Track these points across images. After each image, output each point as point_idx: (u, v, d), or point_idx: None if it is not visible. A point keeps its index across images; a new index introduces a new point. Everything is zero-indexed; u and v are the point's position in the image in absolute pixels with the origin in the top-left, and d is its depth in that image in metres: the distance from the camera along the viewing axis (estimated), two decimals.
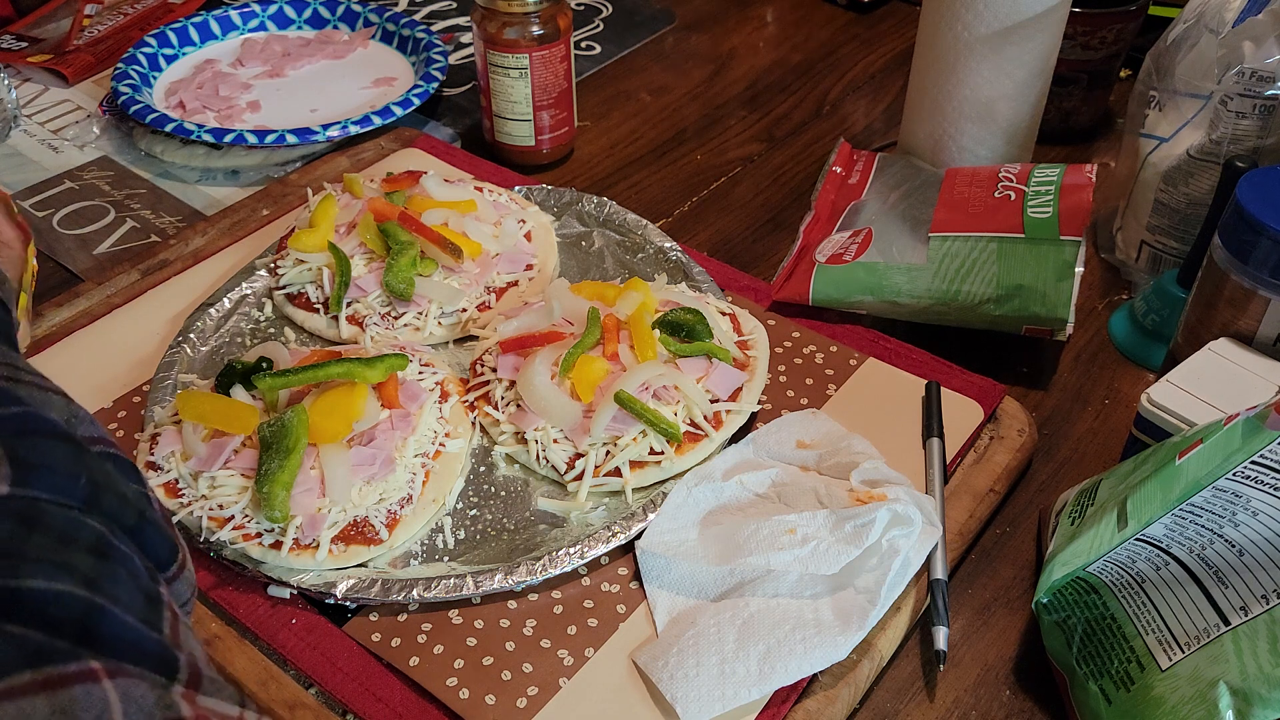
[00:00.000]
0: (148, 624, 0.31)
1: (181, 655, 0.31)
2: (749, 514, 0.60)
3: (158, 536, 0.36)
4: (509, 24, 0.86)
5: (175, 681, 0.30)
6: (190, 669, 0.31)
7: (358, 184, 0.80)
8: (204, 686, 0.31)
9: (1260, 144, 0.72)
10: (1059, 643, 0.55)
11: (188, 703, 0.30)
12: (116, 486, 0.34)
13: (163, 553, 0.36)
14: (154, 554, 0.35)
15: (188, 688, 0.31)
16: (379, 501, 0.60)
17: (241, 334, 0.74)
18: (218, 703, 0.31)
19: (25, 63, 1.07)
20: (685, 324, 0.67)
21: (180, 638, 0.33)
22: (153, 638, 0.31)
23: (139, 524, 0.35)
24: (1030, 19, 0.78)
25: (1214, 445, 0.48)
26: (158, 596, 0.33)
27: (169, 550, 0.37)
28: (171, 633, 0.32)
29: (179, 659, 0.31)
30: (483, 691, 0.53)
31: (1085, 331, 0.78)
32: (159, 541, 0.36)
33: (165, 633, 0.32)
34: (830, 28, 1.17)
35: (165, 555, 0.36)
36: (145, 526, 0.35)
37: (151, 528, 0.35)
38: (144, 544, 0.35)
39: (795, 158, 0.97)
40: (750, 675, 0.52)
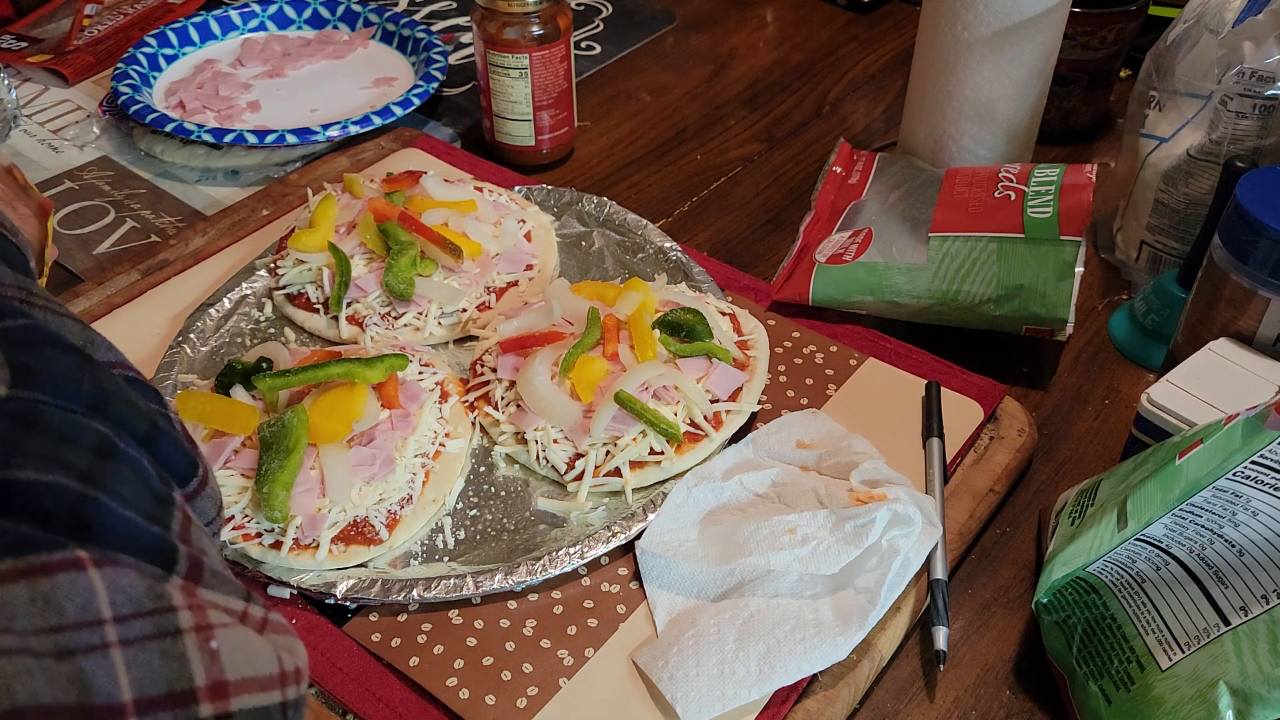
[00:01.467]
0: (151, 519, 0.30)
1: (183, 548, 0.30)
2: (749, 514, 0.60)
3: (174, 449, 0.34)
4: (509, 24, 0.86)
5: (172, 573, 0.29)
6: (191, 561, 0.30)
7: (358, 184, 0.80)
8: (204, 579, 0.30)
9: (1260, 144, 0.72)
10: (1059, 643, 0.55)
11: (184, 594, 0.28)
12: (127, 396, 0.32)
13: (180, 466, 0.34)
14: (170, 466, 0.34)
15: (187, 579, 0.29)
16: (379, 501, 0.60)
17: (241, 334, 0.74)
18: (219, 596, 0.30)
19: (25, 63, 1.07)
20: (685, 324, 0.67)
21: (190, 536, 0.31)
22: (151, 530, 0.29)
23: (151, 434, 0.33)
24: (1030, 19, 0.78)
25: (1214, 445, 0.48)
26: (169, 499, 0.31)
27: (187, 464, 0.35)
28: (181, 530, 0.31)
29: (178, 550, 0.30)
30: (483, 691, 0.53)
31: (1085, 331, 0.78)
32: (175, 454, 0.34)
33: (173, 528, 0.30)
34: (830, 28, 1.17)
35: (183, 468, 0.35)
36: (159, 438, 0.33)
37: (167, 440, 0.34)
38: (159, 455, 0.33)
39: (795, 158, 0.97)
40: (750, 675, 0.52)
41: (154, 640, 0.27)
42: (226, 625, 0.29)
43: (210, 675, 0.27)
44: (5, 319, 0.31)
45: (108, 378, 0.32)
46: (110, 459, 0.30)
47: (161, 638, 0.27)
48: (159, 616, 0.27)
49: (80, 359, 0.31)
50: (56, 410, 0.30)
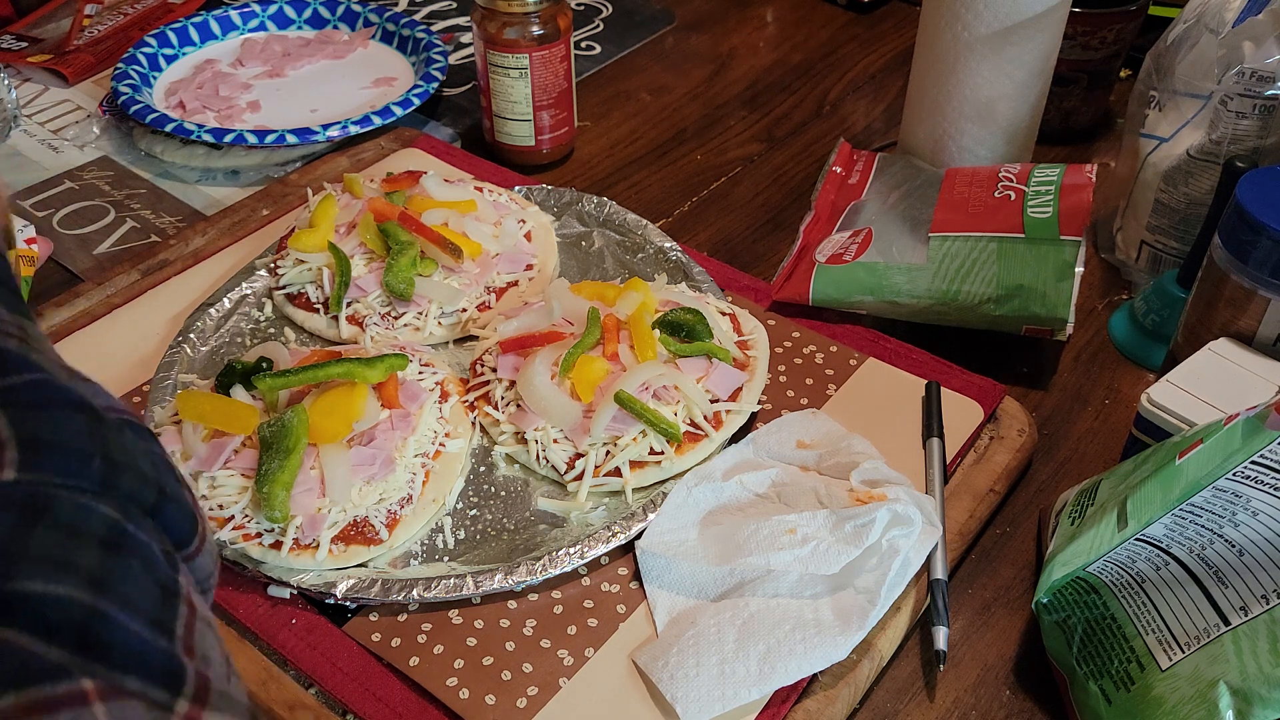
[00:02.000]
0: (157, 626, 0.29)
1: (190, 665, 0.29)
2: (749, 514, 0.60)
3: (178, 513, 0.33)
4: (509, 24, 0.86)
5: (180, 696, 0.28)
6: (198, 681, 0.29)
7: (358, 184, 0.80)
8: (211, 701, 0.29)
9: (1260, 144, 0.72)
10: (1059, 643, 0.55)
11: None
12: (135, 463, 0.31)
13: (184, 529, 0.33)
14: (175, 532, 0.33)
15: (194, 703, 0.29)
16: (379, 501, 0.60)
17: (241, 334, 0.74)
18: (223, 717, 0.29)
19: (25, 63, 1.07)
20: (685, 324, 0.67)
21: (194, 639, 0.30)
22: (159, 647, 0.29)
23: (159, 502, 0.32)
24: (1030, 19, 0.78)
25: (1214, 445, 0.48)
26: (174, 588, 0.30)
27: (190, 525, 0.34)
28: (185, 633, 0.30)
29: (186, 670, 0.29)
30: (483, 691, 0.53)
31: (1085, 331, 0.78)
32: (180, 518, 0.33)
33: (178, 634, 0.30)
34: (830, 28, 1.17)
35: (186, 531, 0.34)
36: (165, 504, 0.32)
37: (172, 504, 0.33)
38: (165, 523, 0.32)
39: (795, 158, 0.97)
40: (750, 675, 0.52)
41: None
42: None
43: None
44: (8, 374, 0.29)
45: (115, 441, 0.31)
46: (118, 552, 0.29)
47: None
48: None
49: (88, 419, 0.30)
50: (67, 493, 0.28)
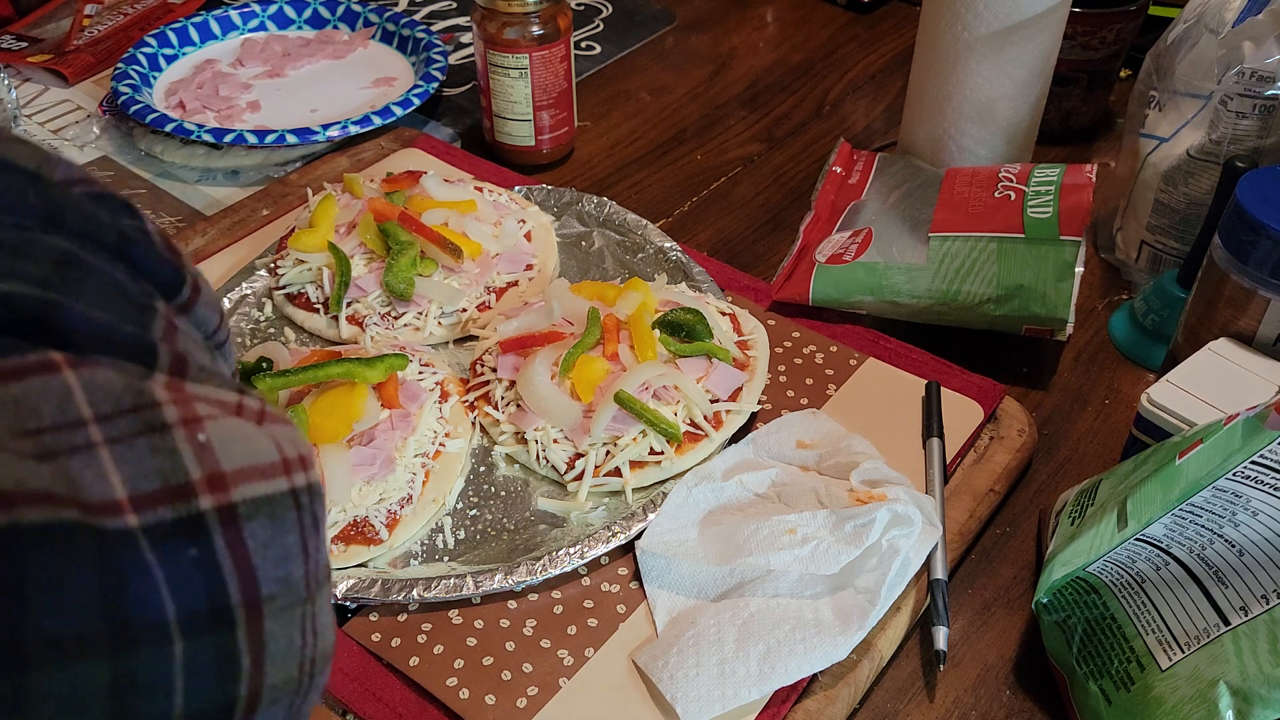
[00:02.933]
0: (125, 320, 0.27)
1: (165, 345, 0.27)
2: (749, 514, 0.60)
3: (151, 256, 0.29)
4: (509, 24, 0.86)
5: (154, 370, 0.27)
6: (174, 357, 0.27)
7: (358, 184, 0.80)
8: (190, 374, 0.27)
9: (1260, 144, 0.72)
10: (1059, 643, 0.55)
11: (167, 390, 0.26)
12: (84, 207, 0.28)
13: (164, 273, 0.30)
14: (152, 275, 0.29)
15: (171, 375, 0.27)
16: (379, 501, 0.60)
17: (241, 334, 0.74)
18: (208, 389, 0.27)
19: (25, 63, 1.07)
20: (685, 324, 0.67)
21: (176, 339, 0.28)
22: (124, 329, 0.27)
23: (122, 243, 0.29)
24: (1030, 19, 0.78)
25: (1214, 445, 0.48)
26: (149, 306, 0.28)
27: (171, 270, 0.30)
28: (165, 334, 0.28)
29: (158, 347, 0.27)
30: (483, 691, 0.53)
31: (1085, 331, 0.78)
32: (154, 260, 0.29)
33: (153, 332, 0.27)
34: (830, 28, 1.17)
35: (168, 276, 0.30)
36: (131, 247, 0.29)
37: (140, 247, 0.29)
38: (136, 264, 0.29)
39: (795, 158, 0.97)
40: (750, 675, 0.52)
41: (141, 437, 0.25)
42: (215, 417, 0.27)
43: (205, 467, 0.26)
44: None
45: (62, 193, 0.28)
46: (74, 268, 0.26)
47: (149, 434, 0.25)
48: (143, 413, 0.25)
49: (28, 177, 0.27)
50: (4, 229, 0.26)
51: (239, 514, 0.26)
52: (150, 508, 0.24)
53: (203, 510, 0.25)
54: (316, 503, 0.29)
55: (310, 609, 0.28)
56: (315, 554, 0.28)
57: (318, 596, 0.28)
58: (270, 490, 0.27)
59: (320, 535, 0.29)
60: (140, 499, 0.24)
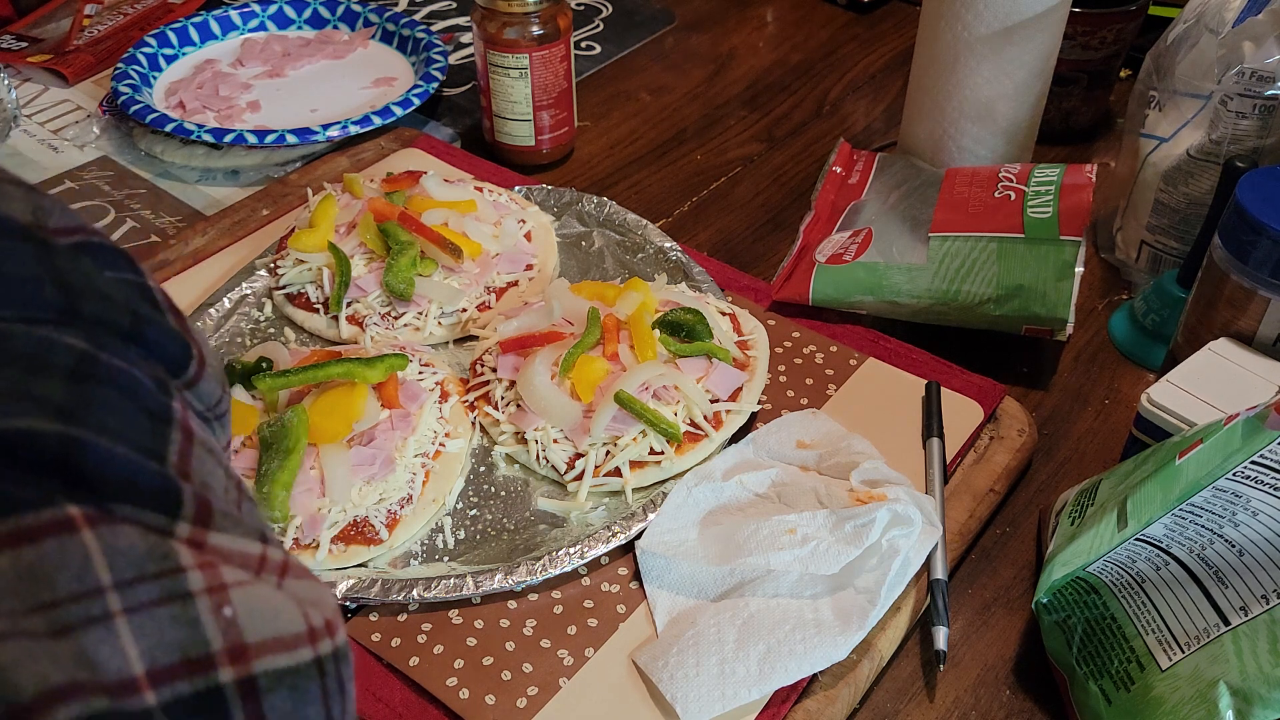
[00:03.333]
0: (146, 452, 0.26)
1: (188, 487, 0.27)
2: (749, 514, 0.60)
3: (163, 335, 0.29)
4: (509, 24, 0.86)
5: (178, 519, 0.26)
6: (198, 503, 0.26)
7: (358, 184, 0.80)
8: (215, 522, 0.27)
9: (1260, 144, 0.72)
10: (1059, 643, 0.55)
11: (191, 548, 0.25)
12: (98, 285, 0.28)
13: (174, 353, 0.30)
14: (163, 355, 0.29)
15: (195, 525, 0.26)
16: (379, 501, 0.60)
17: (241, 334, 0.74)
18: (233, 539, 0.27)
19: (25, 63, 1.07)
20: (685, 324, 0.67)
21: (191, 465, 0.27)
22: (150, 468, 0.26)
23: (135, 325, 0.28)
24: (1030, 19, 0.78)
25: (1214, 445, 0.48)
26: (165, 413, 0.27)
27: (180, 348, 0.30)
28: (180, 459, 0.27)
29: (183, 491, 0.26)
30: (483, 691, 0.53)
31: (1085, 331, 0.78)
32: (166, 341, 0.29)
33: (170, 459, 0.27)
34: (830, 28, 1.17)
35: (178, 354, 0.30)
36: (144, 327, 0.29)
37: (153, 327, 0.29)
38: (148, 346, 0.29)
39: (795, 158, 0.97)
40: (750, 675, 0.52)
41: (162, 605, 0.24)
42: (242, 584, 0.26)
43: (228, 639, 0.25)
44: None
45: (72, 266, 0.27)
46: (90, 382, 0.26)
47: (170, 602, 0.24)
48: (166, 579, 0.24)
49: (35, 246, 0.27)
50: (22, 328, 0.25)
51: (259, 686, 0.25)
52: (168, 682, 0.24)
53: (222, 684, 0.24)
54: (343, 666, 0.28)
55: None
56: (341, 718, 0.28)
57: None
58: (293, 662, 0.26)
59: (346, 699, 0.28)
60: (158, 673, 0.23)
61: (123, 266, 0.30)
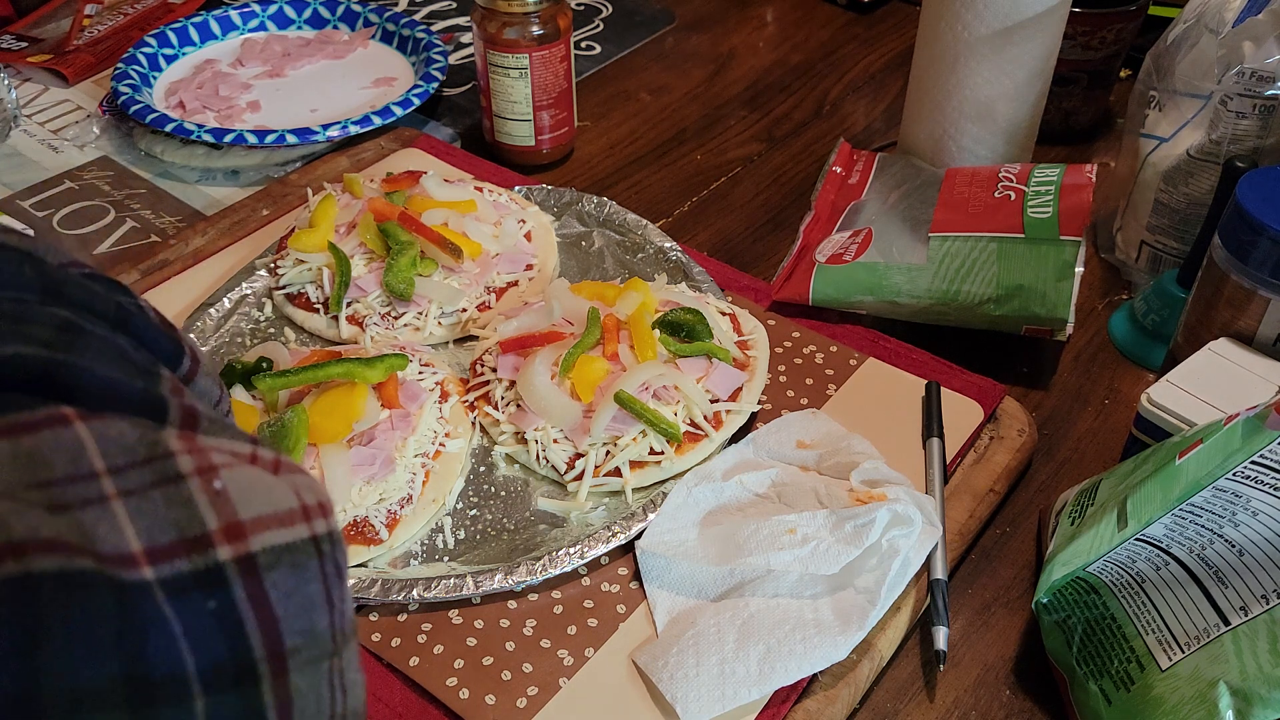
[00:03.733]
0: (133, 376, 0.27)
1: (175, 399, 0.27)
2: (749, 514, 0.60)
3: (148, 327, 0.30)
4: (509, 24, 0.86)
5: (165, 424, 0.26)
6: (184, 411, 0.27)
7: (358, 184, 0.80)
8: (202, 426, 0.27)
9: (1260, 144, 0.72)
10: (1059, 643, 0.55)
11: (181, 440, 0.25)
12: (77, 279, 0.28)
13: (164, 346, 0.30)
14: (152, 346, 0.29)
15: (183, 429, 0.26)
16: (379, 501, 0.60)
17: (241, 334, 0.74)
18: (222, 440, 0.27)
19: (25, 63, 1.07)
20: (685, 324, 0.67)
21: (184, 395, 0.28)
22: (135, 384, 0.26)
23: (120, 314, 0.29)
24: (1030, 19, 0.78)
25: (1214, 445, 0.48)
26: (154, 370, 0.28)
27: (169, 342, 0.30)
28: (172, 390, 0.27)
29: (169, 401, 0.27)
30: (483, 691, 0.53)
31: (1085, 331, 0.78)
32: (152, 332, 0.30)
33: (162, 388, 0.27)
34: (830, 28, 1.17)
35: (168, 349, 0.30)
36: (130, 319, 0.29)
37: (139, 320, 0.29)
38: (136, 335, 0.29)
39: (795, 158, 0.97)
40: (750, 675, 0.52)
41: (155, 488, 0.24)
42: (231, 465, 0.26)
43: (222, 517, 0.25)
44: None
45: (57, 271, 0.28)
46: (77, 333, 0.26)
47: (163, 485, 0.24)
48: (157, 463, 0.25)
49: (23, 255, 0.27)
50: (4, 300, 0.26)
51: (259, 563, 0.25)
52: (167, 560, 0.24)
53: (221, 561, 0.24)
54: (338, 551, 0.28)
55: (338, 662, 0.27)
56: (340, 604, 0.27)
57: (345, 650, 0.28)
58: (290, 538, 0.26)
59: (344, 585, 0.28)
60: (156, 551, 0.24)
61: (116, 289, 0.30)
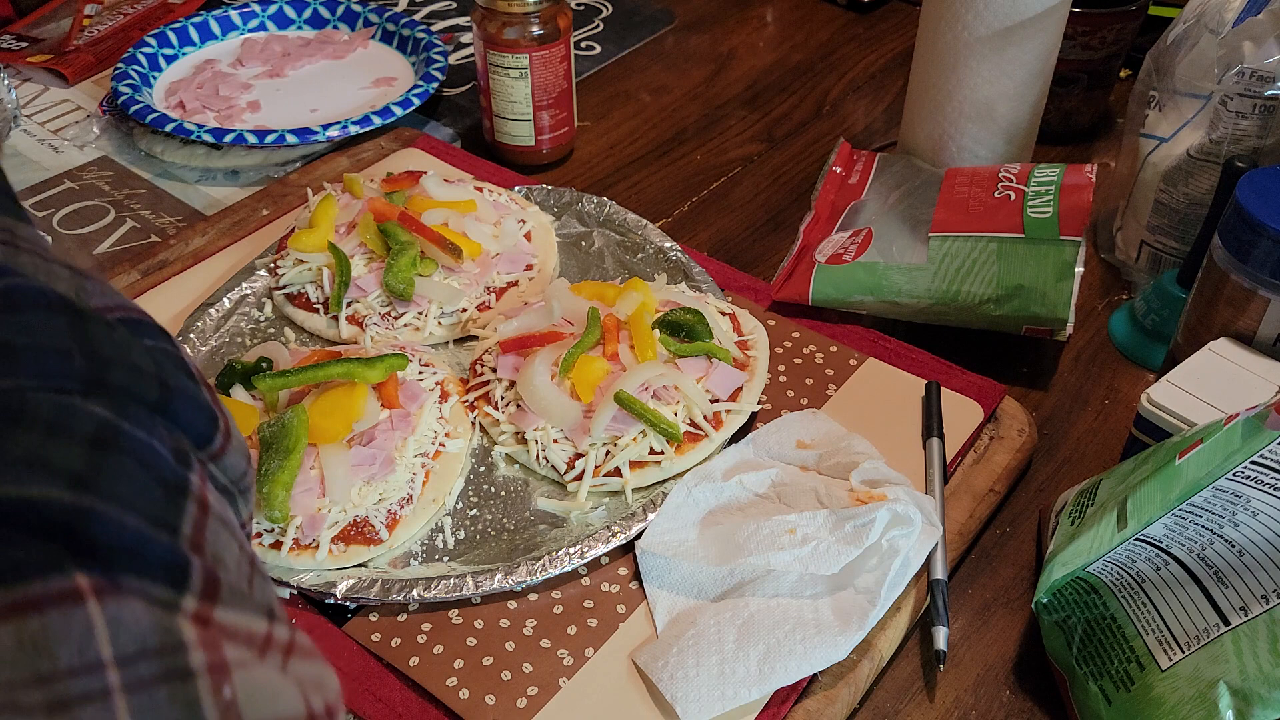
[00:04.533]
0: (157, 523, 0.26)
1: (197, 560, 0.26)
2: (749, 514, 0.60)
3: (191, 408, 0.30)
4: (509, 24, 0.86)
5: (185, 592, 0.26)
6: (207, 577, 0.26)
7: (358, 184, 0.80)
8: (223, 597, 0.26)
9: (1260, 144, 0.71)
10: (1059, 643, 0.55)
11: (197, 624, 0.25)
12: (129, 357, 0.28)
13: (200, 424, 0.30)
14: (190, 428, 0.29)
15: (202, 600, 0.26)
16: (379, 501, 0.60)
17: (241, 334, 0.74)
18: (240, 615, 0.26)
19: (25, 63, 1.07)
20: (685, 324, 0.67)
21: (205, 537, 0.27)
22: (160, 540, 0.26)
23: (163, 396, 0.29)
24: (1030, 19, 0.78)
25: (1214, 445, 0.48)
26: (182, 485, 0.27)
27: (207, 420, 0.30)
28: (194, 531, 0.27)
29: (191, 564, 0.26)
30: (483, 691, 0.53)
31: (1085, 331, 0.78)
32: (194, 413, 0.30)
33: (183, 531, 0.27)
34: (830, 28, 1.17)
35: (205, 427, 0.30)
36: (173, 399, 0.29)
37: (181, 398, 0.29)
38: (175, 418, 0.29)
39: (795, 158, 0.97)
40: (750, 675, 0.52)
41: (162, 684, 0.24)
42: (244, 665, 0.26)
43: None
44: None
45: (105, 338, 0.28)
46: (109, 450, 0.26)
47: (170, 681, 0.24)
48: (168, 656, 0.24)
49: (70, 319, 0.27)
50: (46, 396, 0.26)
51: None
52: None
53: None
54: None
55: None
56: None
57: None
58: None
59: None
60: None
61: (159, 337, 0.30)
